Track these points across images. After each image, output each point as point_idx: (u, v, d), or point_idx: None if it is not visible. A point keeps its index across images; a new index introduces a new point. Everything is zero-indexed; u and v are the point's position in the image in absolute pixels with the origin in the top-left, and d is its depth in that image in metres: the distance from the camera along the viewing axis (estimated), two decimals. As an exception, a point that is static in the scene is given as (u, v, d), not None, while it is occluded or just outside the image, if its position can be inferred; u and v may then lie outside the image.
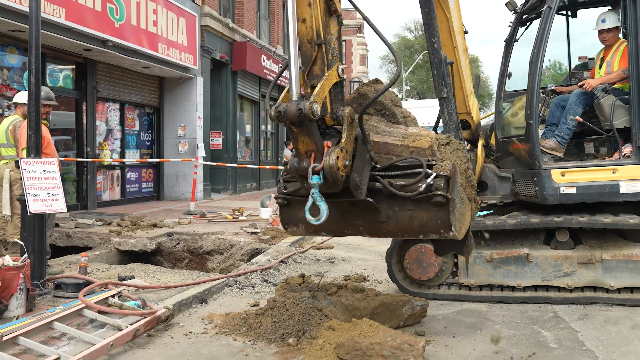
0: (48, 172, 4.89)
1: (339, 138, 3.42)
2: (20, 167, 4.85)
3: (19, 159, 4.97)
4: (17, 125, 5.96)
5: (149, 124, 14.43)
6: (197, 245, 8.76)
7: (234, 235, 8.85)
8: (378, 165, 3.72)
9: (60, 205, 4.93)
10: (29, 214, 4.81)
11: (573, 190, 5.33)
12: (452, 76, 5.70)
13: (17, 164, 5.68)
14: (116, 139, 13.03)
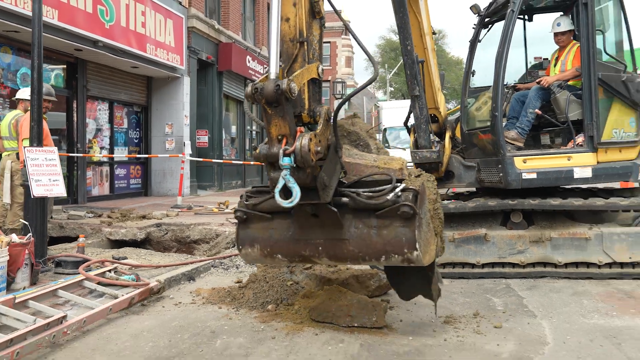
0: (49, 160, 5.37)
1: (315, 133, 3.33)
2: (24, 155, 5.32)
3: (23, 148, 5.43)
4: (19, 119, 6.42)
5: (137, 122, 14.86)
6: (185, 234, 9.23)
7: (220, 225, 9.32)
8: (346, 182, 3.66)
9: (60, 189, 5.41)
10: (32, 197, 5.28)
11: (534, 175, 5.90)
12: (423, 74, 6.28)
13: (18, 156, 6.16)
14: (105, 137, 13.45)
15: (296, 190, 3.08)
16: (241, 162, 17.55)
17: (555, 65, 6.58)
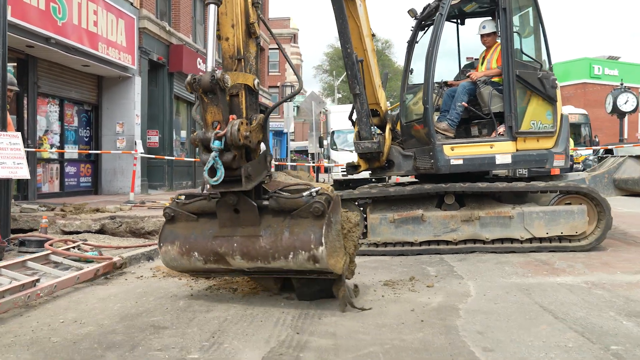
0: (13, 144, 5.64)
1: None
2: (-11, 139, 5.58)
3: (-12, 132, 5.69)
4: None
5: (88, 121, 14.92)
6: (139, 226, 9.47)
7: (174, 217, 9.64)
8: (270, 190, 3.95)
9: (24, 172, 5.68)
10: (-3, 180, 5.55)
11: (460, 161, 6.59)
12: (363, 73, 6.89)
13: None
14: (55, 134, 13.49)
15: (222, 170, 3.46)
16: (192, 159, 17.79)
17: (482, 63, 7.32)
